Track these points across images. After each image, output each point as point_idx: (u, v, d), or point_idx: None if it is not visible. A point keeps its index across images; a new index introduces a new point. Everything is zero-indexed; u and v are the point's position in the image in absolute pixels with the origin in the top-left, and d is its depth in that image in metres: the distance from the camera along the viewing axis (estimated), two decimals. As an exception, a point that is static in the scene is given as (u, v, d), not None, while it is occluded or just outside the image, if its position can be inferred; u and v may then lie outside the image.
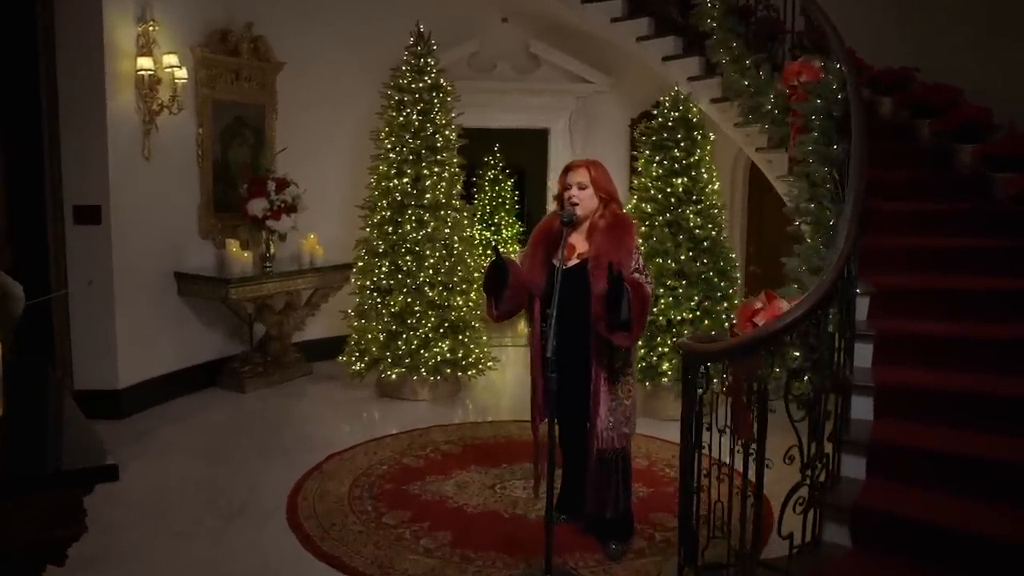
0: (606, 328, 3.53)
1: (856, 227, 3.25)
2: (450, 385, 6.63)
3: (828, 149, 4.02)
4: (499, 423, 5.92)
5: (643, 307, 3.54)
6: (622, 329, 3.49)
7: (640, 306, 3.52)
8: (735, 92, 5.29)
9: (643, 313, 3.55)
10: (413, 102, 6.40)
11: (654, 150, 6.08)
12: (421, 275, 6.29)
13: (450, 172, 6.51)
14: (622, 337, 3.53)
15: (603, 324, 3.53)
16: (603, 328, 3.55)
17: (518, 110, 8.15)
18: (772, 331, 2.85)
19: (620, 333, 3.51)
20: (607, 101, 8.13)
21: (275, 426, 5.80)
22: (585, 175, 3.81)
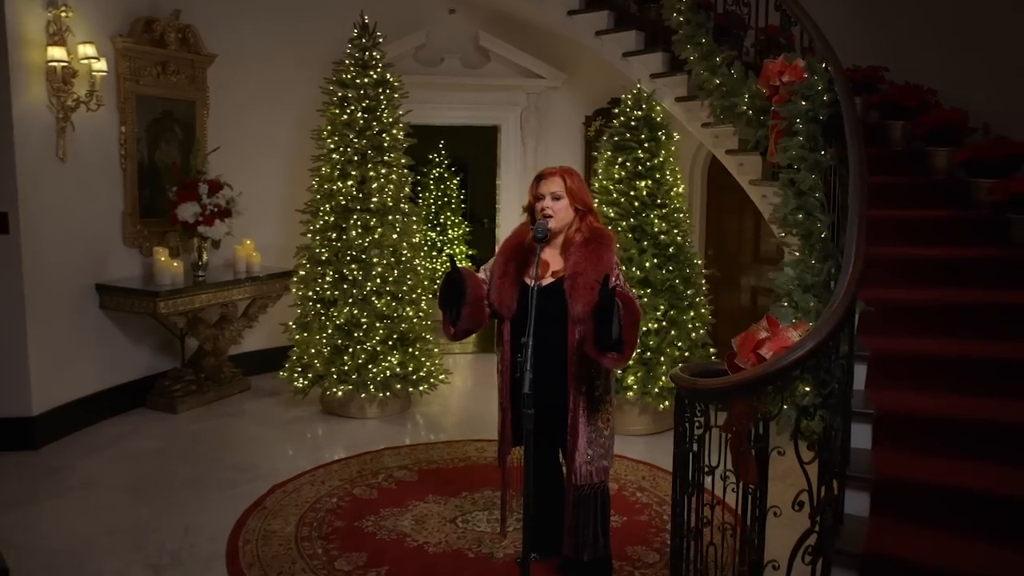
0: (595, 349, 3.18)
1: (864, 246, 2.97)
2: (400, 401, 6.22)
3: (816, 155, 3.75)
4: (455, 444, 5.54)
5: (635, 324, 3.21)
6: (613, 350, 3.15)
7: (632, 323, 3.18)
8: (706, 91, 5.00)
9: (635, 331, 3.22)
10: (358, 98, 5.96)
11: (616, 151, 5.77)
12: (368, 284, 5.86)
13: (398, 174, 6.09)
14: (612, 359, 3.19)
15: (591, 344, 3.18)
16: (591, 349, 3.19)
17: (467, 106, 7.75)
18: (783, 365, 2.54)
19: (610, 354, 3.16)
20: (560, 98, 7.79)
21: (211, 452, 5.30)
22: (560, 184, 3.45)
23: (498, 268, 3.52)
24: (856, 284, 2.80)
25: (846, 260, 2.89)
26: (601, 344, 3.14)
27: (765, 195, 4.81)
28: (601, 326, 3.09)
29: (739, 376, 2.65)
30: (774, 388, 2.60)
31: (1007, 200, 4.21)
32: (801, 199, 3.72)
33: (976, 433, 3.27)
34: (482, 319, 3.53)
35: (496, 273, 3.52)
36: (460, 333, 3.51)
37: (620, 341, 3.12)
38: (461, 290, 3.39)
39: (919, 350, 3.64)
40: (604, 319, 3.06)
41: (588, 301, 3.29)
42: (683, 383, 2.81)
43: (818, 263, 3.51)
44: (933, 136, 4.92)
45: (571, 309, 3.33)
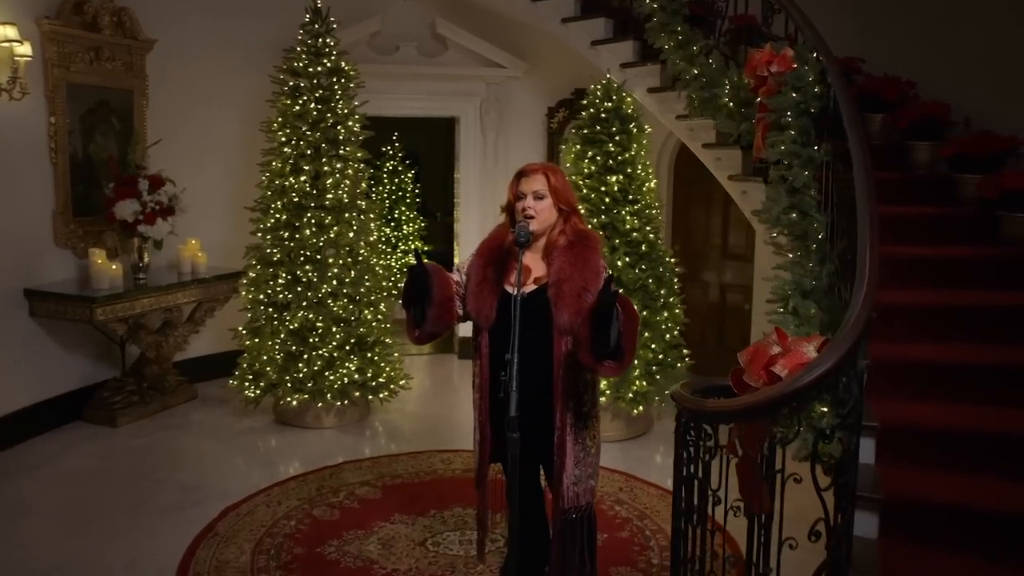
0: (591, 356, 2.87)
1: (877, 250, 2.74)
2: (359, 409, 5.89)
3: (809, 150, 3.53)
4: (419, 455, 5.23)
5: (635, 330, 2.93)
6: (611, 357, 2.86)
7: (632, 329, 2.90)
8: (683, 82, 4.76)
9: (635, 337, 2.94)
10: (310, 88, 5.59)
11: (585, 144, 5.52)
12: (323, 287, 5.51)
13: (354, 169, 5.74)
14: (610, 367, 2.88)
15: (587, 352, 2.87)
16: (587, 357, 2.88)
17: (423, 97, 7.40)
18: (802, 384, 2.29)
19: (607, 362, 2.87)
20: (521, 88, 7.49)
21: (156, 471, 4.90)
22: (542, 182, 3.15)
23: (475, 273, 3.21)
24: (874, 293, 2.57)
25: (860, 266, 2.66)
26: (598, 351, 2.86)
27: (746, 191, 4.60)
28: (599, 331, 2.80)
29: (754, 397, 2.40)
30: (790, 410, 2.35)
31: (998, 197, 4.06)
32: (794, 197, 3.50)
33: (979, 445, 3.09)
34: (450, 321, 3.20)
35: (473, 279, 3.21)
36: (425, 336, 3.18)
37: (619, 348, 2.83)
38: (426, 288, 3.07)
39: (917, 356, 3.45)
40: (603, 324, 2.77)
41: (575, 310, 3.02)
42: (687, 404, 2.55)
43: (816, 266, 3.29)
44: (915, 129, 4.76)
45: (556, 319, 3.04)
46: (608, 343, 2.74)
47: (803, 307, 3.15)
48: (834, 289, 3.30)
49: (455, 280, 3.26)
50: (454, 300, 3.17)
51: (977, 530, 2.83)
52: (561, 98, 7.33)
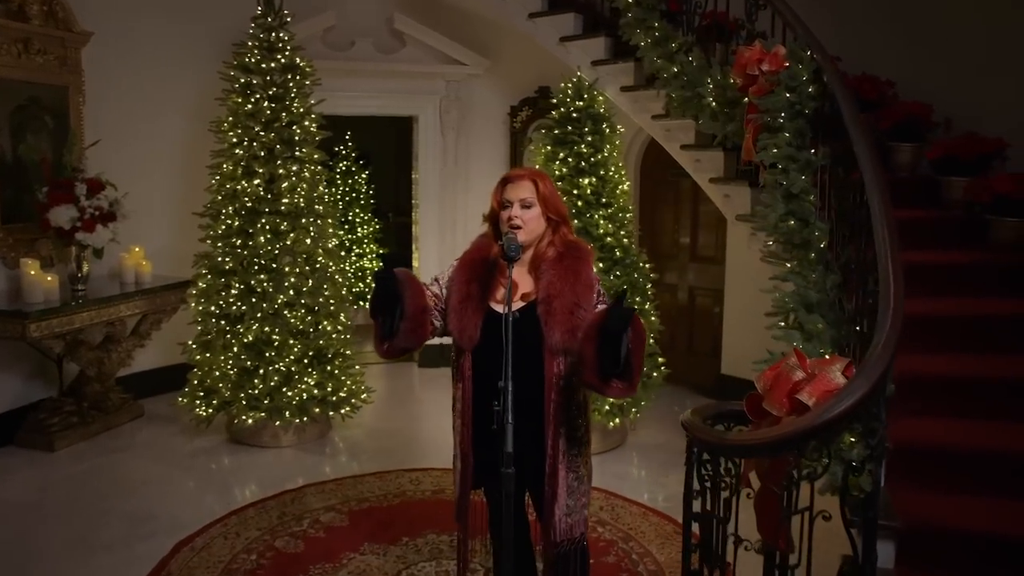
0: (597, 376, 2.61)
1: (900, 262, 2.55)
2: (319, 426, 5.56)
3: (806, 154, 3.34)
4: (386, 476, 4.93)
5: (643, 346, 2.68)
6: (619, 377, 2.59)
7: (640, 345, 2.65)
8: (662, 81, 4.54)
9: (643, 354, 2.70)
10: (263, 86, 5.24)
11: (555, 145, 5.27)
12: (280, 297, 5.16)
13: (311, 171, 5.40)
14: (618, 388, 2.61)
15: (592, 371, 2.60)
16: (592, 376, 2.61)
17: (380, 95, 7.08)
18: (835, 415, 2.08)
19: (615, 382, 2.60)
20: (483, 86, 7.22)
21: (99, 500, 4.51)
22: (530, 189, 2.89)
23: (458, 290, 2.93)
24: (901, 312, 2.37)
25: (883, 282, 2.46)
26: (606, 371, 2.59)
27: (729, 195, 4.42)
28: (608, 349, 2.53)
29: (784, 429, 2.18)
30: (819, 441, 2.14)
31: (990, 200, 3.94)
32: (792, 203, 3.30)
33: (990, 464, 2.94)
34: (423, 336, 2.89)
35: (455, 296, 2.92)
36: (395, 351, 2.84)
37: (628, 366, 2.58)
38: (396, 297, 2.77)
39: (919, 369, 3.28)
40: (613, 341, 2.51)
41: (568, 328, 2.77)
42: (706, 436, 2.32)
43: (819, 277, 3.10)
44: (897, 131, 4.63)
45: (547, 338, 2.79)
46: (618, 362, 2.48)
47: (809, 322, 2.95)
48: (836, 302, 3.11)
49: (432, 293, 2.98)
50: (428, 313, 2.88)
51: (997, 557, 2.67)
52: (524, 96, 7.09)
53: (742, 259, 6.39)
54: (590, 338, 2.55)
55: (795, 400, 2.24)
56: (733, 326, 6.46)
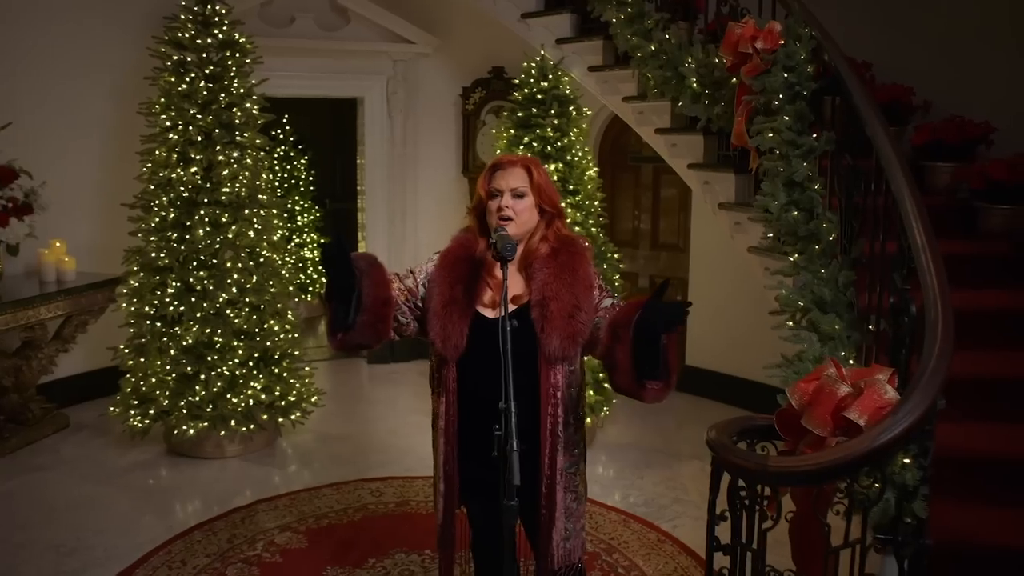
0: (633, 381, 2.30)
1: (940, 257, 2.31)
2: (266, 434, 5.14)
3: (809, 139, 3.09)
4: (344, 488, 4.56)
5: (675, 342, 2.38)
6: (656, 377, 2.28)
7: (674, 342, 2.34)
8: (637, 60, 4.25)
9: (676, 347, 2.40)
10: (199, 64, 4.76)
11: (518, 129, 4.95)
12: (221, 295, 4.73)
13: (253, 157, 4.96)
14: (655, 390, 2.30)
15: (628, 376, 2.29)
16: (628, 381, 2.31)
17: (323, 75, 6.62)
18: (893, 436, 1.83)
19: (651, 384, 2.29)
20: (432, 66, 6.83)
21: (19, 529, 4.03)
22: (523, 178, 2.55)
23: (440, 292, 2.58)
24: (951, 314, 2.14)
25: (927, 284, 2.22)
26: (644, 374, 2.28)
27: (708, 181, 4.16)
28: (646, 349, 2.23)
29: (838, 453, 1.92)
30: (872, 466, 1.89)
31: (983, 187, 3.77)
32: (795, 192, 3.05)
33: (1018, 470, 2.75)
34: (383, 332, 2.49)
35: (437, 299, 2.57)
36: (348, 344, 2.46)
37: (667, 365, 2.27)
38: (348, 274, 2.34)
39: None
40: (653, 340, 2.20)
41: (567, 333, 2.47)
42: (741, 461, 2.04)
43: (830, 273, 2.86)
44: (878, 114, 4.43)
45: (544, 345, 2.48)
46: (658, 364, 2.19)
47: (824, 322, 2.71)
48: (850, 300, 2.88)
49: (406, 286, 2.62)
50: (390, 307, 2.50)
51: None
52: (477, 77, 6.72)
53: (707, 247, 6.19)
54: (621, 339, 2.23)
55: (842, 418, 1.98)
56: (699, 316, 6.22)
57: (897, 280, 2.49)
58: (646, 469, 4.93)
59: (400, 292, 2.57)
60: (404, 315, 2.53)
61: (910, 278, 2.46)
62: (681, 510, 4.39)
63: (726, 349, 6.05)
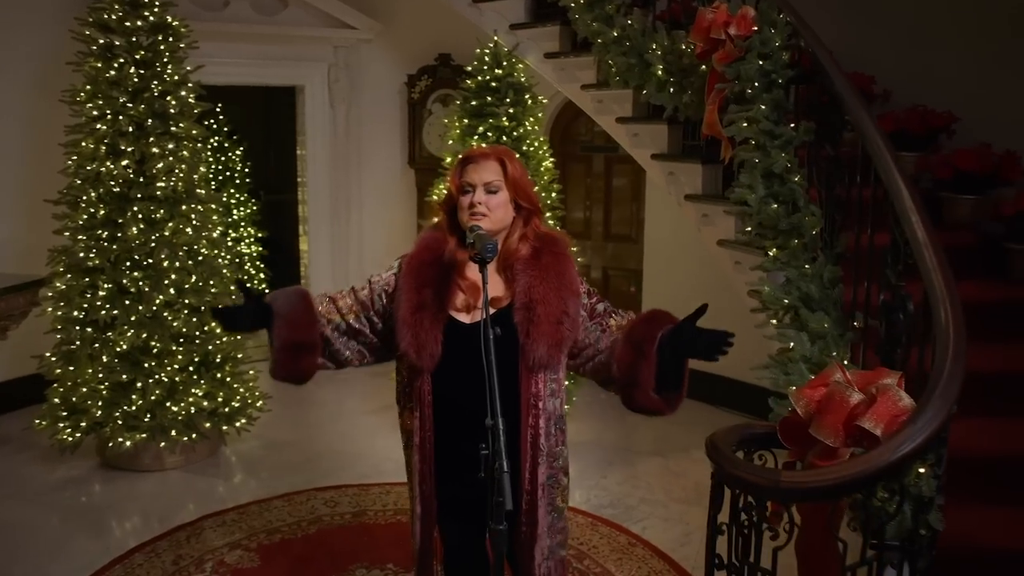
0: (652, 397, 2.24)
1: (945, 261, 2.21)
2: (209, 443, 4.84)
3: (787, 129, 2.99)
4: (295, 498, 4.32)
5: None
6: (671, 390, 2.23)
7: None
8: (598, 47, 4.09)
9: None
10: (128, 48, 4.43)
11: (472, 118, 4.76)
12: (158, 297, 4.41)
13: (190, 149, 4.64)
14: (677, 399, 2.27)
15: (643, 390, 2.23)
16: (648, 398, 2.24)
17: (260, 62, 6.29)
18: (915, 446, 1.72)
19: (671, 395, 2.25)
20: (375, 53, 6.57)
21: (-60, 557, 3.69)
22: (496, 171, 2.37)
23: (407, 299, 2.38)
24: (962, 317, 2.04)
25: (931, 282, 2.11)
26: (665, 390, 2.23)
27: (673, 172, 4.03)
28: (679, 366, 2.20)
29: (856, 466, 1.81)
30: (890, 478, 1.77)
31: (950, 177, 3.73)
32: (774, 185, 2.94)
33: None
34: (304, 372, 2.38)
35: (405, 306, 2.38)
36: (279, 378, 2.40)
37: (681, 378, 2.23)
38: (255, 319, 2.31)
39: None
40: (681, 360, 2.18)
41: (554, 340, 2.32)
42: (750, 476, 1.91)
43: (816, 269, 2.76)
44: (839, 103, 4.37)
45: (529, 352, 2.31)
46: (681, 381, 2.17)
47: (813, 321, 2.60)
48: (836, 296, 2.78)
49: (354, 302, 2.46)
50: (308, 351, 2.35)
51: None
52: (423, 65, 6.49)
53: (661, 238, 6.10)
54: (647, 355, 2.15)
55: (855, 427, 1.86)
56: (653, 308, 6.16)
57: (891, 276, 2.39)
58: (608, 468, 4.80)
59: (349, 310, 2.41)
60: (342, 351, 2.41)
61: (905, 274, 2.37)
62: (649, 510, 4.28)
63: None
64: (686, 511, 4.27)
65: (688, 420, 5.43)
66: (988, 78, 4.27)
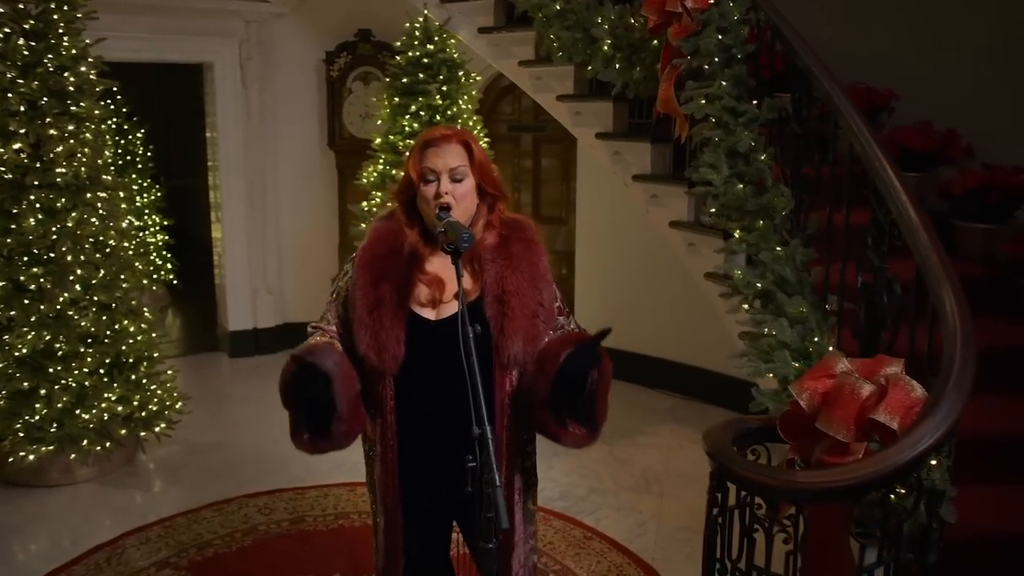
0: (555, 420, 2.05)
1: (936, 238, 2.13)
2: (124, 451, 4.46)
3: (748, 106, 2.87)
4: (226, 507, 4.01)
5: (608, 388, 2.11)
6: (581, 421, 2.04)
7: (607, 388, 2.09)
8: (540, 21, 3.90)
9: (607, 396, 2.12)
10: (14, 17, 4.00)
11: (403, 96, 4.51)
12: (62, 295, 4.01)
13: (93, 131, 4.23)
14: (577, 434, 2.06)
15: (549, 413, 2.05)
16: (548, 418, 2.06)
17: (164, 37, 5.81)
18: (936, 439, 1.61)
19: (575, 427, 2.05)
20: (290, 28, 6.18)
21: None
22: (460, 155, 2.15)
23: (363, 295, 2.14)
24: (965, 299, 1.95)
25: (929, 265, 2.02)
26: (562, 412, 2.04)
27: (619, 151, 3.89)
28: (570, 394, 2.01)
29: (876, 463, 1.68)
30: (907, 473, 1.67)
31: (895, 155, 3.69)
32: (739, 164, 2.83)
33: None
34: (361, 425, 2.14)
35: (361, 304, 2.14)
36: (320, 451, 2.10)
37: (591, 410, 2.04)
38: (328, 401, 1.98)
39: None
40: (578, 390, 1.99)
41: (530, 335, 2.14)
42: (761, 477, 1.77)
43: (789, 252, 2.65)
44: (779, 81, 4.32)
45: (503, 349, 2.12)
46: (584, 410, 1.99)
47: (791, 305, 2.49)
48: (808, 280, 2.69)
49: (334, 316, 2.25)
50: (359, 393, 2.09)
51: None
52: (342, 41, 6.14)
53: (593, 219, 5.99)
54: (545, 373, 2.00)
55: (867, 421, 1.75)
56: (585, 291, 6.07)
57: (874, 257, 2.30)
58: (553, 458, 4.64)
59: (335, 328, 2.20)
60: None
61: (890, 255, 2.28)
62: (600, 500, 4.16)
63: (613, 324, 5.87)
64: (637, 499, 4.19)
65: (627, 403, 5.39)
66: (925, 55, 4.28)
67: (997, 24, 4.12)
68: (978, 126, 3.97)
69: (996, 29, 4.13)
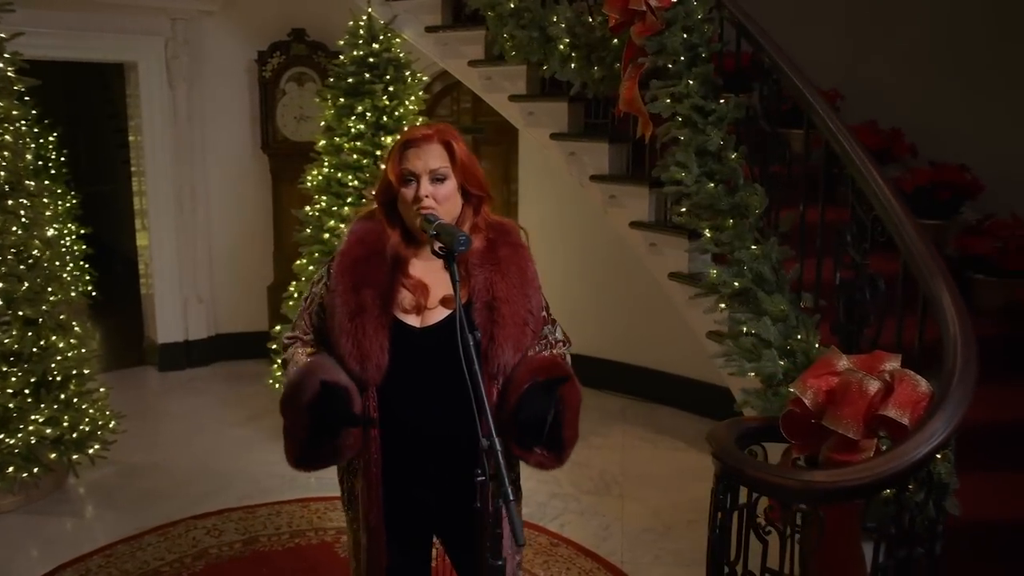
0: (516, 444, 1.99)
1: (927, 235, 2.13)
2: (53, 475, 4.17)
3: (717, 105, 2.86)
4: (170, 530, 3.78)
5: (577, 415, 2.04)
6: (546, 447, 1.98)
7: (575, 415, 2.01)
8: (492, 19, 3.82)
9: (576, 422, 2.04)
10: (-76, 11, 3.69)
11: (349, 97, 4.37)
12: (-17, 309, 3.73)
13: (13, 133, 3.96)
14: (543, 457, 2.00)
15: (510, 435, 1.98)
16: (514, 445, 2.00)
17: (83, 34, 5.50)
18: (945, 437, 1.61)
19: (541, 451, 1.99)
20: (219, 27, 5.93)
21: None
22: (442, 156, 2.04)
23: (344, 301, 2.03)
24: (958, 293, 1.96)
25: (916, 254, 2.02)
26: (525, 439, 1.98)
27: (575, 152, 3.84)
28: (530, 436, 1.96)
29: (891, 460, 1.66)
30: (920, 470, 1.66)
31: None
32: (709, 163, 2.81)
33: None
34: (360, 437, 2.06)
35: (341, 311, 2.03)
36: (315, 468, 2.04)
37: (556, 436, 1.96)
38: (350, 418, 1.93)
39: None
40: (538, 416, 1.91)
41: (520, 344, 2.07)
42: (776, 478, 1.72)
43: (763, 249, 2.65)
44: (729, 82, 4.36)
45: (492, 358, 2.04)
46: (541, 434, 1.91)
47: (771, 303, 2.48)
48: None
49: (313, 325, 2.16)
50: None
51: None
52: (275, 40, 5.93)
53: (536, 222, 5.91)
54: (508, 401, 1.94)
55: (875, 417, 1.73)
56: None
57: (856, 255, 2.31)
58: (510, 464, 4.59)
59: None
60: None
61: (871, 251, 2.29)
62: (562, 506, 4.11)
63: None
64: (598, 502, 4.15)
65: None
66: (866, 54, 4.38)
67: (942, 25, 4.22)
68: (920, 125, 4.08)
69: (940, 30, 4.23)
